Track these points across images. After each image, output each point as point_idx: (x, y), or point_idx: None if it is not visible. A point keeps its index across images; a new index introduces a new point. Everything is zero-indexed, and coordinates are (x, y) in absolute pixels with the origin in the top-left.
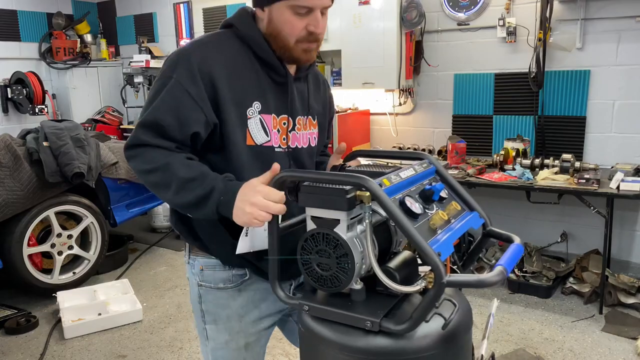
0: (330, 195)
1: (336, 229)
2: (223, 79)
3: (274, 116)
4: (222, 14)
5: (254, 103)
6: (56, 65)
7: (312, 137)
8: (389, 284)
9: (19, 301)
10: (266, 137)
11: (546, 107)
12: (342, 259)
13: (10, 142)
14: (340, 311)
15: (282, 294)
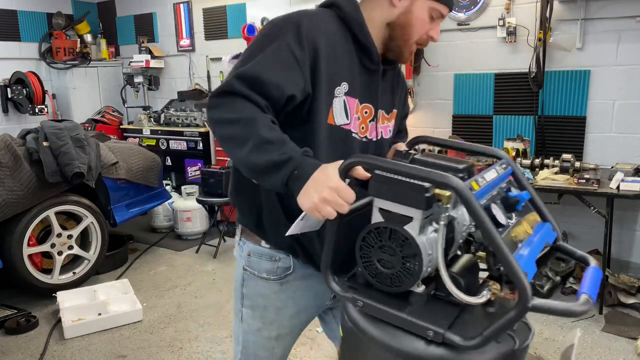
0: (407, 189)
1: (407, 227)
2: (324, 51)
3: (357, 102)
4: (222, 14)
5: (343, 83)
6: (56, 65)
7: (387, 130)
8: (456, 292)
9: (19, 301)
10: (346, 120)
11: (546, 107)
12: (409, 259)
13: (10, 142)
14: (400, 314)
15: (336, 287)
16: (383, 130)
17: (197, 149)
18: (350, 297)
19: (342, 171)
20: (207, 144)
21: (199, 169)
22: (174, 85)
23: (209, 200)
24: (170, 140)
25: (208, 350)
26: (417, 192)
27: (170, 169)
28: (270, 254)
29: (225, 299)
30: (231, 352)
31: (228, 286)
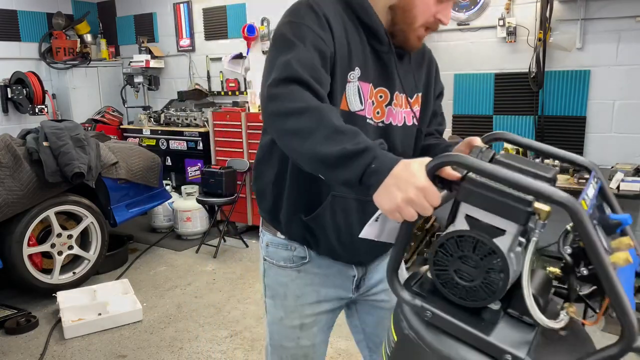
0: (507, 200)
1: (497, 240)
2: (337, 33)
3: (371, 86)
4: (222, 14)
5: (356, 68)
6: (56, 65)
7: (409, 116)
8: (538, 316)
9: (19, 301)
10: (360, 106)
11: (546, 107)
12: (493, 275)
13: (10, 142)
14: (474, 331)
15: (406, 296)
16: (406, 116)
17: (197, 149)
18: (418, 306)
19: (431, 170)
20: (207, 144)
21: (199, 169)
22: (174, 85)
23: (209, 200)
24: (170, 140)
25: (208, 350)
26: (519, 205)
27: (170, 169)
28: (286, 243)
29: (225, 299)
30: (230, 352)
31: (228, 286)
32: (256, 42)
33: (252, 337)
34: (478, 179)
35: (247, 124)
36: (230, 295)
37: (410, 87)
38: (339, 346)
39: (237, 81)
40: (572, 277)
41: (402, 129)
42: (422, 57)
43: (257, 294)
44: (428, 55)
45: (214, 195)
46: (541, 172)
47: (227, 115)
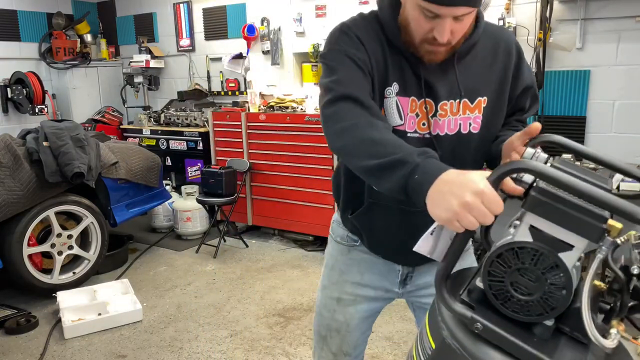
0: (583, 215)
1: (562, 255)
2: (371, 51)
3: (413, 99)
4: (222, 14)
5: (394, 83)
6: (56, 65)
7: (466, 123)
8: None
9: (19, 301)
10: (400, 121)
11: (546, 107)
12: (554, 291)
13: (10, 142)
14: (531, 350)
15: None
16: (462, 123)
17: (197, 149)
18: (468, 317)
19: (497, 178)
20: (207, 144)
21: (199, 169)
22: (174, 85)
23: (209, 200)
24: (170, 140)
25: (208, 350)
26: (595, 221)
27: (170, 169)
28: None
29: (225, 299)
30: (230, 352)
31: (228, 286)
32: (256, 42)
33: (252, 337)
34: (550, 189)
35: (247, 124)
36: (230, 295)
37: (472, 91)
38: None
39: (237, 81)
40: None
41: (454, 138)
42: (495, 55)
43: (257, 294)
44: (505, 49)
45: (214, 195)
46: (602, 183)
47: (227, 115)
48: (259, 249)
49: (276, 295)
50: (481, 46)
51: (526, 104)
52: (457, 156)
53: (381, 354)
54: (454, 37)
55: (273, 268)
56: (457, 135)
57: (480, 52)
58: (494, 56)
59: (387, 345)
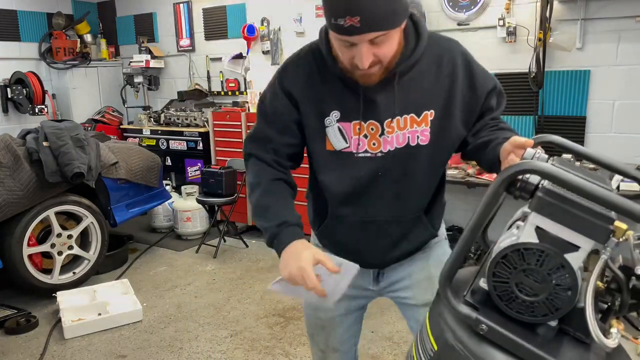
0: (590, 216)
1: (568, 256)
2: (300, 94)
3: (355, 123)
4: (222, 14)
5: (332, 112)
6: (56, 65)
7: (414, 135)
8: (600, 336)
9: (19, 301)
10: (345, 144)
11: (546, 107)
12: (560, 291)
13: (10, 142)
14: (537, 351)
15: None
16: (410, 136)
17: (197, 149)
18: (473, 319)
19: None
20: (207, 144)
21: (199, 169)
22: (174, 85)
23: (209, 200)
24: (170, 140)
25: (208, 350)
26: (601, 222)
27: (170, 169)
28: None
29: (225, 299)
30: (230, 352)
31: (228, 286)
32: (256, 42)
33: (252, 337)
34: (556, 189)
35: (247, 124)
36: (230, 295)
37: (414, 106)
38: None
39: (237, 81)
40: (626, 294)
41: (403, 151)
42: (439, 67)
43: (256, 294)
44: (450, 61)
45: (214, 195)
46: (603, 183)
47: (227, 115)
48: (259, 249)
49: (276, 295)
50: (425, 61)
51: (493, 103)
52: (408, 170)
53: (381, 354)
54: (382, 59)
55: (273, 268)
56: (406, 148)
57: (424, 66)
58: (439, 68)
59: (387, 345)
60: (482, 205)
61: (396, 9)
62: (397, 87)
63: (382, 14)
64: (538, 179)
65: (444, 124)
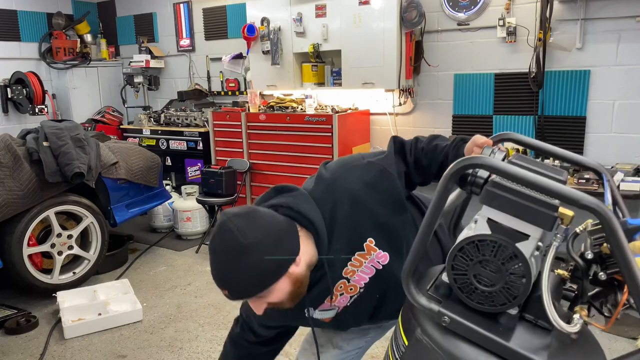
0: (535, 205)
1: (520, 245)
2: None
3: (327, 299)
4: (222, 14)
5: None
6: (56, 65)
7: (375, 262)
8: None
9: (19, 301)
10: (335, 310)
11: (546, 107)
12: (515, 280)
13: (10, 142)
14: (495, 338)
15: (422, 300)
16: (374, 265)
17: (197, 149)
18: (435, 311)
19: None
20: (207, 144)
21: (199, 169)
22: (174, 85)
23: (209, 200)
24: (170, 140)
25: (208, 350)
26: (546, 210)
27: (170, 169)
28: None
29: (224, 299)
30: None
31: None
32: (256, 42)
33: None
34: (503, 182)
35: (247, 124)
36: None
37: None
38: None
39: (237, 81)
40: (585, 281)
41: (377, 277)
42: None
43: None
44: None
45: (214, 195)
46: (555, 174)
47: (227, 115)
48: None
49: None
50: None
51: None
52: (390, 285)
53: (381, 354)
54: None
55: None
56: (377, 274)
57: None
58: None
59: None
60: (433, 201)
61: (261, 277)
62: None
63: (244, 286)
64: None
65: (388, 237)
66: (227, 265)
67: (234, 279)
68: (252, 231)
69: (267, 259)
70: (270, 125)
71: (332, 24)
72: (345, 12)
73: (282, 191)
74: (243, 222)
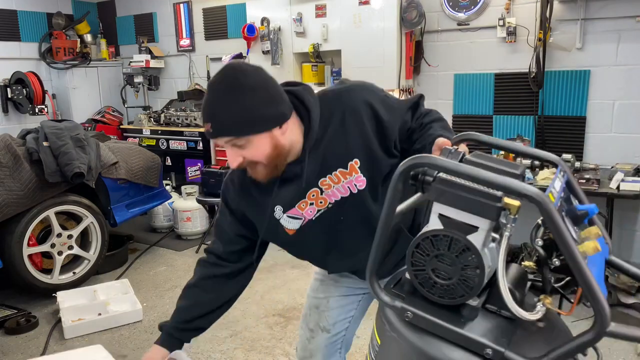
0: (478, 197)
1: (470, 237)
2: (244, 207)
3: (300, 202)
4: (222, 14)
5: (276, 207)
6: (56, 65)
7: (352, 184)
8: (515, 309)
9: (19, 301)
10: (301, 222)
11: (546, 107)
12: (469, 271)
13: (10, 142)
14: (454, 328)
15: (385, 297)
16: (350, 186)
17: (197, 149)
18: (398, 307)
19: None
20: (207, 144)
21: (199, 169)
22: (174, 85)
23: (209, 200)
24: (170, 140)
25: (208, 350)
26: (489, 201)
27: (170, 169)
28: None
29: None
30: (230, 352)
31: None
32: (256, 42)
33: (252, 337)
34: (449, 178)
35: None
36: None
37: (337, 163)
38: None
39: None
40: (545, 269)
41: (350, 199)
42: (343, 123)
43: (256, 294)
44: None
45: (214, 195)
46: (510, 169)
47: None
48: None
49: (276, 295)
50: (331, 126)
51: (407, 118)
52: (360, 211)
53: None
54: (252, 160)
55: (273, 268)
56: (351, 196)
57: (331, 131)
58: (344, 125)
59: None
60: (387, 200)
61: (248, 120)
62: (307, 161)
63: (230, 122)
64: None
65: (372, 165)
66: (220, 99)
67: (223, 113)
68: (254, 78)
69: (258, 106)
70: None
71: (332, 24)
72: (345, 12)
73: (294, 84)
74: (250, 68)
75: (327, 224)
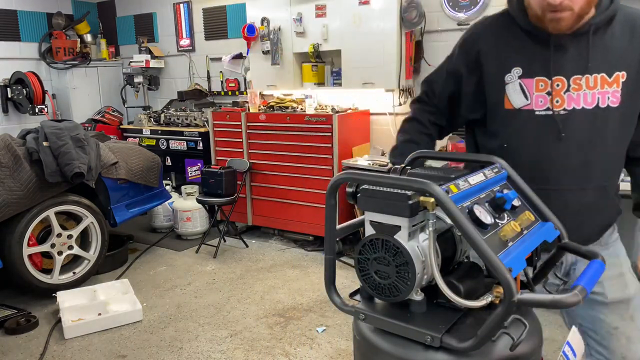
0: (391, 200)
1: (396, 236)
2: (484, 49)
3: (539, 79)
4: (222, 14)
5: (514, 69)
6: (56, 65)
7: (604, 96)
8: (452, 297)
9: (19, 301)
10: (526, 101)
11: None
12: (402, 268)
13: (10, 142)
14: (399, 323)
15: (337, 300)
16: (600, 97)
17: (197, 149)
18: (352, 311)
19: (330, 188)
20: (207, 144)
21: (199, 169)
22: (174, 85)
23: (209, 200)
24: (170, 140)
25: (208, 350)
26: (401, 201)
27: (170, 169)
28: None
29: (224, 299)
30: (230, 352)
31: (228, 286)
32: (256, 42)
33: (252, 337)
34: (370, 188)
35: (247, 124)
36: (230, 295)
37: (607, 66)
38: (339, 346)
39: (237, 81)
40: None
41: (591, 113)
42: (633, 33)
43: (256, 294)
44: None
45: (214, 195)
46: (443, 174)
47: (227, 115)
48: (259, 249)
49: (276, 295)
50: (619, 22)
51: None
52: (596, 133)
53: None
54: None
55: (273, 268)
56: (595, 110)
57: (618, 28)
58: (632, 33)
59: None
60: (326, 215)
61: None
62: (592, 40)
63: None
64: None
65: (634, 89)
66: None
67: None
68: None
69: None
70: (270, 125)
71: (332, 24)
72: (345, 12)
73: None
74: None
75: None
